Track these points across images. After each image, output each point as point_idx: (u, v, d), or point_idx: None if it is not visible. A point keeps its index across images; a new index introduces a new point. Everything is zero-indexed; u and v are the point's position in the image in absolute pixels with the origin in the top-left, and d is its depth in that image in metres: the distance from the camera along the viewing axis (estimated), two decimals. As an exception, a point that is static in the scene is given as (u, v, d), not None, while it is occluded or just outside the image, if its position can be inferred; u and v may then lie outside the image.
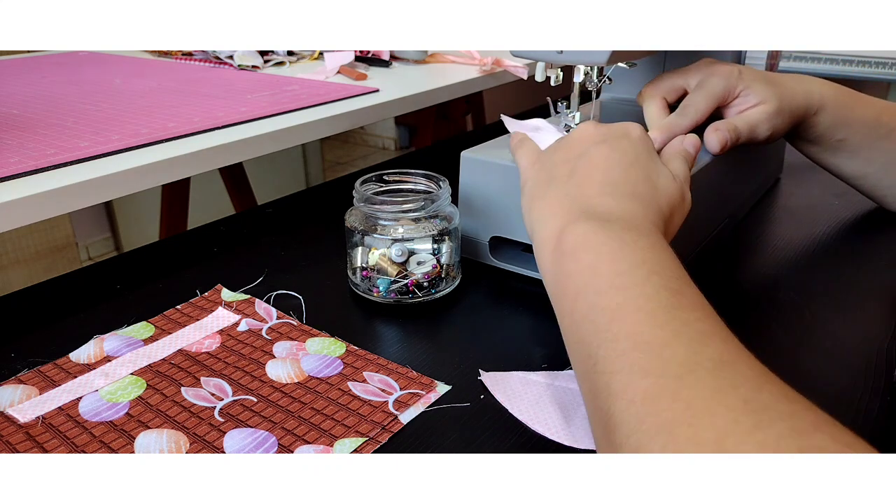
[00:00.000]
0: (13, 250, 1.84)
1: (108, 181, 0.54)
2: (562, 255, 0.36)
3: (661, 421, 0.27)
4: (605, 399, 0.30)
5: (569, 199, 0.39)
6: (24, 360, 0.44)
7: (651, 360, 0.29)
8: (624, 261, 0.34)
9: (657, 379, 0.28)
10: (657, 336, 0.30)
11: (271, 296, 0.51)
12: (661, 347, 0.29)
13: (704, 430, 0.25)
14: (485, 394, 0.40)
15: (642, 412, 0.28)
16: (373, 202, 0.48)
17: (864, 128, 0.58)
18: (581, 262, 0.35)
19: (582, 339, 0.33)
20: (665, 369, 0.28)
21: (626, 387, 0.29)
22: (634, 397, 0.28)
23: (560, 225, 0.38)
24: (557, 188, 0.41)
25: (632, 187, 0.40)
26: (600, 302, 0.33)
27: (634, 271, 0.33)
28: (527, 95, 2.17)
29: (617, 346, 0.31)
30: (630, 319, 0.31)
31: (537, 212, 0.41)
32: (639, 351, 0.30)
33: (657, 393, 0.28)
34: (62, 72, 0.93)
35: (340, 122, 0.72)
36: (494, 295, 0.52)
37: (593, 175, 0.40)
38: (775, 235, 0.61)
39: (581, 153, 0.42)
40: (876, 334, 0.45)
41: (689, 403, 0.27)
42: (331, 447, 0.36)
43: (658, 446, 0.26)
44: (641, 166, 0.41)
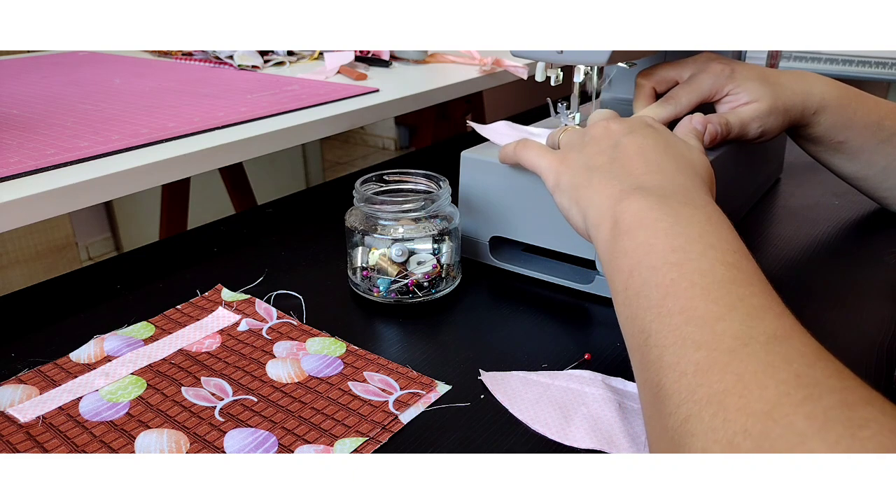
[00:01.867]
0: (13, 250, 1.84)
1: (108, 181, 0.54)
2: (618, 232, 0.36)
3: (712, 392, 0.27)
4: (657, 371, 0.30)
5: (617, 180, 0.39)
6: (24, 360, 0.44)
7: (704, 333, 0.29)
8: (680, 236, 0.34)
9: (710, 352, 0.28)
10: (711, 311, 0.30)
11: (271, 296, 0.51)
12: (714, 321, 0.30)
13: (755, 402, 0.26)
14: (485, 394, 0.40)
15: (694, 383, 0.28)
16: (373, 202, 0.48)
17: (865, 131, 0.58)
18: (636, 238, 0.35)
19: (635, 315, 0.33)
20: (718, 343, 0.29)
21: (679, 359, 0.29)
22: (686, 369, 0.29)
23: (614, 203, 0.38)
24: (602, 173, 0.41)
25: (674, 164, 0.40)
26: (654, 278, 0.33)
27: (689, 247, 0.33)
28: (527, 95, 2.17)
29: (670, 321, 0.31)
30: (684, 295, 0.31)
31: (586, 198, 0.40)
32: (692, 325, 0.30)
33: (709, 365, 0.28)
34: (62, 72, 0.93)
35: (340, 122, 0.72)
36: (494, 295, 0.52)
37: (634, 159, 0.40)
38: (775, 235, 0.61)
39: (614, 144, 0.42)
40: (876, 334, 0.45)
41: (741, 376, 0.27)
42: (331, 447, 0.36)
43: (708, 415, 0.27)
44: (674, 147, 0.42)
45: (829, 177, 0.65)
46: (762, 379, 0.26)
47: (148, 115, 0.68)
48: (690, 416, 0.27)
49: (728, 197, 0.61)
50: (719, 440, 0.26)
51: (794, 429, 0.24)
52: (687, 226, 0.34)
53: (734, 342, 0.28)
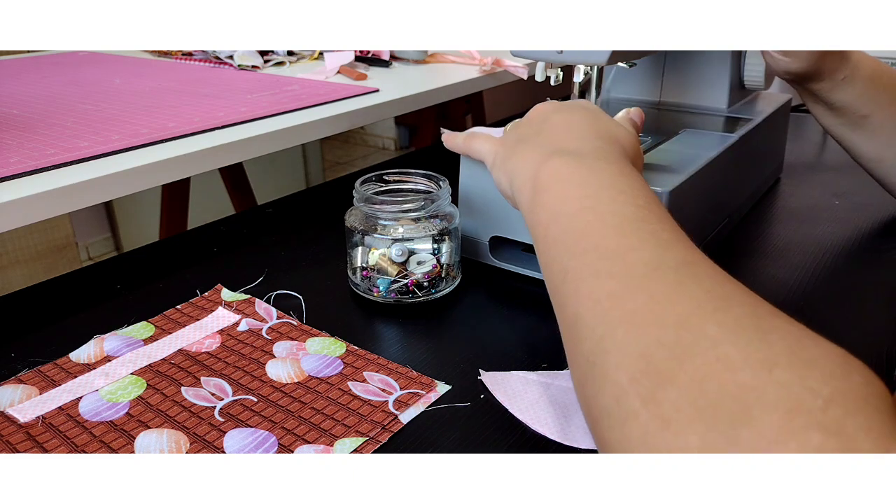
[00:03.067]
0: (13, 250, 1.84)
1: (108, 181, 0.54)
2: (537, 189, 0.38)
3: (625, 312, 0.28)
4: (574, 304, 0.31)
5: (541, 147, 0.41)
6: (24, 360, 0.44)
7: (616, 264, 0.31)
8: (592, 185, 0.36)
9: (622, 279, 0.30)
10: (623, 244, 0.32)
11: (271, 296, 0.51)
12: (626, 252, 0.31)
13: (667, 316, 0.27)
14: (485, 394, 0.40)
15: (608, 306, 0.29)
16: (373, 202, 0.48)
17: (891, 108, 0.56)
18: (553, 192, 0.37)
19: (553, 258, 0.34)
20: (630, 270, 0.30)
21: (593, 289, 0.30)
22: (601, 296, 0.30)
23: (536, 167, 0.39)
24: (528, 144, 0.43)
25: (595, 133, 0.42)
26: (570, 223, 0.34)
27: (601, 193, 0.35)
28: (527, 95, 2.17)
29: (585, 258, 0.32)
30: (597, 234, 0.33)
31: (511, 166, 0.42)
32: (606, 259, 0.31)
33: (622, 290, 0.29)
34: (62, 72, 0.93)
35: (340, 122, 0.72)
36: (494, 295, 0.52)
37: (559, 130, 0.43)
38: (775, 235, 0.61)
39: (543, 121, 0.44)
40: (876, 334, 0.45)
41: (653, 295, 0.28)
42: (331, 447, 0.36)
43: (621, 332, 0.28)
44: (601, 122, 0.43)
45: (829, 177, 0.64)
46: (673, 297, 0.28)
47: (148, 115, 0.68)
48: (605, 336, 0.28)
49: (728, 197, 0.61)
50: (632, 353, 0.27)
51: (706, 335, 0.25)
52: (599, 176, 0.36)
53: (645, 268, 0.30)
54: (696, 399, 0.24)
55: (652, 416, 0.25)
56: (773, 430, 0.22)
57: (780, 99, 0.73)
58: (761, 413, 0.22)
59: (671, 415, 0.24)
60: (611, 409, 0.27)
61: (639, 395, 0.26)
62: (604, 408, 0.27)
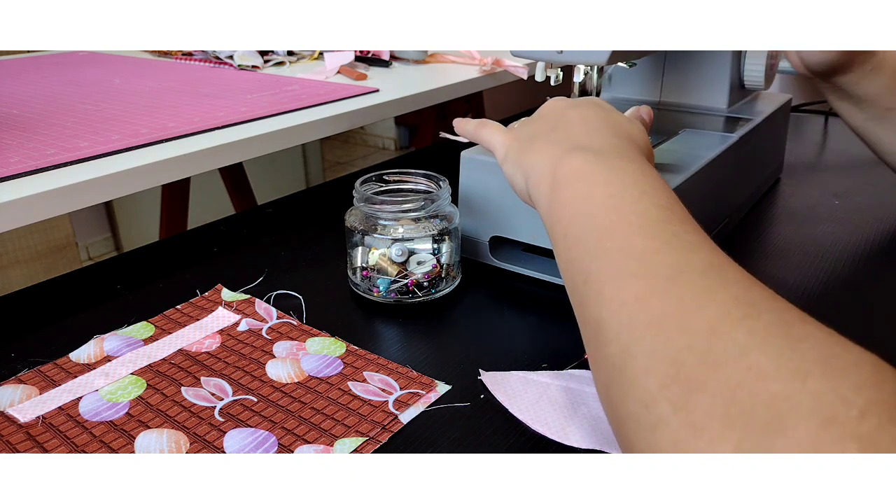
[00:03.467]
0: (13, 250, 1.84)
1: (108, 181, 0.54)
2: (557, 185, 0.38)
3: (653, 317, 0.28)
4: (597, 306, 0.31)
5: (558, 143, 0.41)
6: (24, 360, 0.44)
7: (642, 266, 0.30)
8: (615, 184, 0.35)
9: (648, 280, 0.29)
10: (648, 246, 0.31)
11: (271, 296, 0.51)
12: (651, 255, 0.30)
13: (696, 321, 0.26)
14: (485, 394, 0.40)
15: (634, 310, 0.29)
16: (373, 202, 0.48)
17: None
18: (574, 189, 0.36)
19: (574, 258, 0.34)
20: (656, 272, 0.29)
21: (618, 291, 0.30)
22: (626, 298, 0.29)
23: (554, 162, 0.39)
24: (544, 139, 0.42)
25: (612, 131, 0.42)
26: (592, 222, 0.34)
27: (624, 193, 0.34)
28: (527, 95, 2.17)
29: (609, 259, 0.32)
30: (621, 234, 0.32)
31: (527, 162, 0.42)
32: (630, 260, 0.31)
33: (648, 293, 0.29)
34: (62, 72, 0.93)
35: (340, 122, 0.72)
36: (494, 295, 0.52)
37: (575, 126, 0.42)
38: (775, 235, 0.61)
39: (558, 117, 0.44)
40: (876, 335, 0.45)
41: (681, 300, 0.28)
42: (331, 447, 0.36)
43: (650, 338, 0.27)
44: (615, 119, 0.43)
45: (829, 177, 0.64)
46: (701, 301, 0.27)
47: (148, 115, 0.68)
48: (632, 341, 0.28)
49: (728, 197, 0.61)
50: (663, 359, 0.26)
51: (736, 342, 0.25)
52: (622, 175, 0.36)
53: (671, 271, 0.29)
54: (729, 407, 0.23)
55: (683, 424, 0.24)
56: (808, 440, 0.21)
57: (780, 99, 0.73)
58: (796, 423, 0.22)
59: (703, 422, 0.24)
60: (639, 415, 0.26)
61: (669, 402, 0.25)
62: (631, 413, 0.27)
